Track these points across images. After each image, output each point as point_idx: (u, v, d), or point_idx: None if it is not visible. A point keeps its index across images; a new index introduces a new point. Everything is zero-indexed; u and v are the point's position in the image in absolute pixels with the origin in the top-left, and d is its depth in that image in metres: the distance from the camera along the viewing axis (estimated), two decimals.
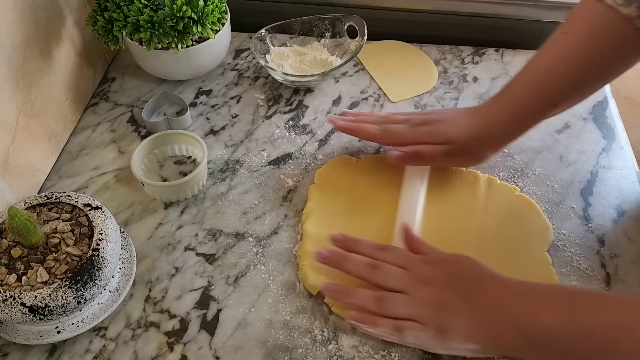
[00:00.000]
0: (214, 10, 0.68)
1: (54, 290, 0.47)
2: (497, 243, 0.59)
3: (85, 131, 0.72)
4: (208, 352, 0.52)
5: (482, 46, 0.85)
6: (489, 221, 0.61)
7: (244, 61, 0.82)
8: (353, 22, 0.78)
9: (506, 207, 0.63)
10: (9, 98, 0.58)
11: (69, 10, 0.69)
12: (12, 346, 0.52)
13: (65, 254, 0.50)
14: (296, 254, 0.59)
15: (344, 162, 0.68)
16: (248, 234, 0.61)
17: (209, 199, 0.64)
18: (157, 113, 0.75)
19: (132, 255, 0.57)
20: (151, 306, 0.55)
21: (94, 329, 0.53)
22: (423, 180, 0.63)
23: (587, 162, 0.69)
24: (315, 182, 0.65)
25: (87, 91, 0.76)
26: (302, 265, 0.57)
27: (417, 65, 0.82)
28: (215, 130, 0.72)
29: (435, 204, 0.63)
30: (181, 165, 0.68)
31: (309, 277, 0.56)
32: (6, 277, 0.48)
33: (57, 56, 0.67)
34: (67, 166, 0.68)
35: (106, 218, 0.53)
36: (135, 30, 0.66)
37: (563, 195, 0.65)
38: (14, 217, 0.48)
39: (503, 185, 0.65)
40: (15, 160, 0.59)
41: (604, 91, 0.77)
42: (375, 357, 0.52)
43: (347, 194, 0.64)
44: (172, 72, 0.76)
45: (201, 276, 0.58)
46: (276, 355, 0.52)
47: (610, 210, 0.64)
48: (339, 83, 0.79)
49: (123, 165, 0.68)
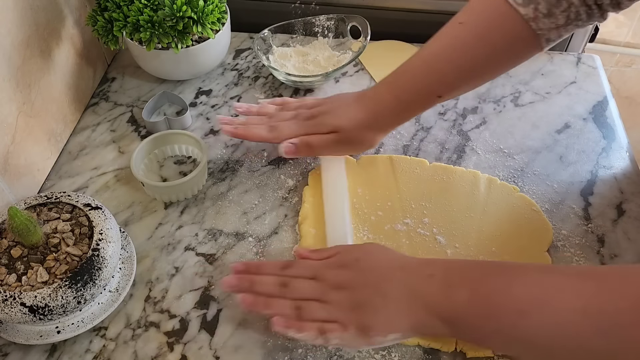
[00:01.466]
0: (214, 10, 0.68)
1: (54, 290, 0.47)
2: (497, 243, 0.59)
3: (85, 131, 0.72)
4: (208, 352, 0.52)
5: None
6: (489, 221, 0.61)
7: (244, 61, 0.82)
8: (356, 23, 0.79)
9: (506, 207, 0.63)
10: (9, 98, 0.58)
11: (69, 10, 0.69)
12: (12, 346, 0.52)
13: (65, 254, 0.50)
14: (295, 255, 0.59)
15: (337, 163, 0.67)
16: (248, 234, 0.61)
17: (209, 199, 0.64)
18: (157, 113, 0.75)
19: (132, 255, 0.57)
20: (151, 306, 0.55)
21: (94, 329, 0.53)
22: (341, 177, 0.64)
23: (587, 162, 0.69)
24: (309, 184, 0.65)
25: (87, 91, 0.76)
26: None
27: None
28: (215, 130, 0.72)
29: (434, 203, 0.63)
30: (181, 165, 0.68)
31: None
32: (6, 277, 0.48)
33: (57, 56, 0.67)
34: (67, 166, 0.68)
35: (106, 218, 0.53)
36: (135, 30, 0.66)
37: (563, 195, 0.65)
38: (14, 217, 0.48)
39: (503, 185, 0.65)
40: (15, 160, 0.59)
41: (604, 91, 0.77)
42: (375, 357, 0.52)
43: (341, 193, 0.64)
44: (172, 72, 0.76)
45: (201, 276, 0.58)
46: (276, 355, 0.52)
47: (610, 210, 0.64)
48: (339, 83, 0.79)
49: (123, 165, 0.68)
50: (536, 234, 0.60)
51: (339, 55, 0.79)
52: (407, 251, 0.59)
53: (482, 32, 0.55)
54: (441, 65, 0.58)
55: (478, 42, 0.56)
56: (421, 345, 0.52)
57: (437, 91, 0.59)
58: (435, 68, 0.58)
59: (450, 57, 0.57)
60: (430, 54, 0.59)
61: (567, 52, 0.85)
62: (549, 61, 0.83)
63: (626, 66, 0.95)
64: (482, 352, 0.51)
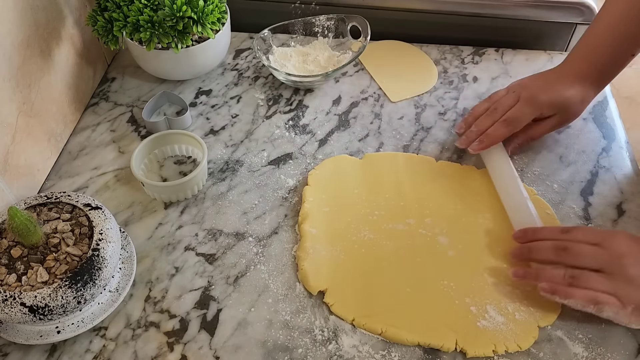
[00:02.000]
0: (214, 10, 0.68)
1: (54, 290, 0.47)
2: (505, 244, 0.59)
3: (85, 131, 0.72)
4: (208, 352, 0.52)
5: (482, 46, 0.85)
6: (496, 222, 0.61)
7: (244, 61, 0.82)
8: (356, 23, 0.79)
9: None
10: (9, 98, 0.58)
11: (69, 10, 0.69)
12: (12, 346, 0.52)
13: (65, 254, 0.50)
14: (295, 255, 0.59)
15: (337, 163, 0.67)
16: (248, 234, 0.61)
17: (209, 199, 0.64)
18: (157, 113, 0.75)
19: (132, 255, 0.57)
20: (151, 306, 0.55)
21: (94, 329, 0.53)
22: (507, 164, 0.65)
23: (587, 162, 0.69)
24: (309, 184, 0.65)
25: (87, 91, 0.76)
26: (301, 266, 0.57)
27: (417, 65, 0.82)
28: (215, 130, 0.72)
29: (438, 203, 0.63)
30: (181, 165, 0.68)
31: (309, 278, 0.56)
32: (6, 277, 0.48)
33: (57, 56, 0.67)
34: (67, 166, 0.68)
35: (106, 218, 0.53)
36: (135, 30, 0.66)
37: (563, 195, 0.65)
38: (14, 217, 0.48)
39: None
40: (15, 160, 0.59)
41: (604, 91, 0.77)
42: (375, 357, 0.52)
43: (341, 193, 0.64)
44: (172, 72, 0.76)
45: (201, 276, 0.58)
46: (276, 355, 0.52)
47: (610, 210, 0.64)
48: (339, 83, 0.79)
49: (123, 165, 0.68)
50: None
51: (339, 55, 0.79)
52: (409, 252, 0.59)
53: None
54: (627, 24, 0.60)
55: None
56: (421, 345, 0.52)
57: (630, 51, 0.61)
58: (623, 31, 0.60)
59: (633, 17, 0.59)
60: (613, 19, 0.61)
61: (568, 52, 0.85)
62: (549, 61, 0.83)
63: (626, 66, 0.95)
64: (482, 351, 0.52)
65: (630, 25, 0.60)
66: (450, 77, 0.80)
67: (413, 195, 0.63)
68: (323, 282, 0.55)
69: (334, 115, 0.74)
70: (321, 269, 0.56)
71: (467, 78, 0.80)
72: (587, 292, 0.49)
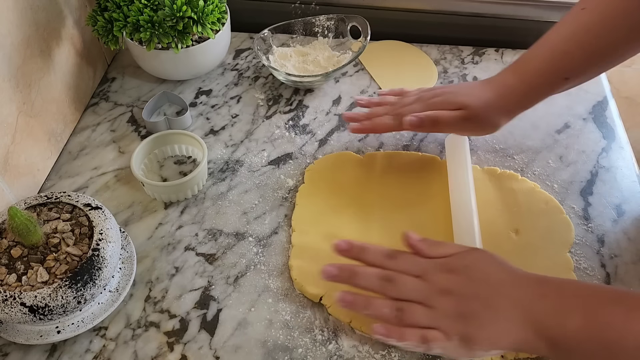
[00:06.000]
0: (214, 10, 0.68)
1: (54, 290, 0.47)
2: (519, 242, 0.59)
3: (85, 131, 0.72)
4: (208, 352, 0.52)
5: (482, 46, 0.85)
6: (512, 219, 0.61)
7: (244, 61, 0.82)
8: (356, 23, 0.79)
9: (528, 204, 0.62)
10: (9, 98, 0.58)
11: (69, 10, 0.69)
12: (12, 346, 0.52)
13: (65, 254, 0.50)
14: (289, 265, 0.58)
15: (336, 160, 0.68)
16: (248, 233, 0.61)
17: (209, 199, 0.64)
18: (157, 113, 0.75)
19: (132, 255, 0.57)
20: (151, 306, 0.55)
21: (94, 329, 0.53)
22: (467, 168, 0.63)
23: (587, 162, 0.69)
24: (306, 182, 0.64)
25: (87, 91, 0.76)
26: (294, 278, 0.56)
27: (417, 65, 0.82)
28: (215, 130, 0.72)
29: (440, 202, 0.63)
30: (181, 165, 0.68)
31: (306, 288, 0.55)
32: (6, 277, 0.48)
33: (57, 56, 0.67)
34: (67, 166, 0.68)
35: (106, 218, 0.53)
36: (135, 30, 0.66)
37: (563, 195, 0.65)
38: (14, 217, 0.48)
39: (524, 180, 0.65)
40: (15, 160, 0.59)
41: (604, 91, 0.77)
42: (375, 357, 0.52)
43: (335, 192, 0.64)
44: (172, 72, 0.76)
45: (201, 276, 0.58)
46: (276, 355, 0.52)
47: (610, 210, 0.64)
48: (339, 83, 0.79)
49: (123, 165, 0.68)
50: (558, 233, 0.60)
51: (339, 55, 0.79)
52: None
53: (604, 13, 0.55)
54: (567, 47, 0.57)
55: (600, 22, 0.55)
56: None
57: (564, 73, 0.58)
58: (562, 50, 0.58)
59: (577, 40, 0.57)
60: (555, 39, 0.59)
61: None
62: None
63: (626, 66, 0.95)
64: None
65: (571, 46, 0.57)
66: (450, 77, 0.80)
67: (412, 195, 0.63)
68: (321, 288, 0.55)
69: (334, 115, 0.74)
70: (316, 275, 0.55)
71: (467, 78, 0.80)
72: (417, 331, 0.47)
